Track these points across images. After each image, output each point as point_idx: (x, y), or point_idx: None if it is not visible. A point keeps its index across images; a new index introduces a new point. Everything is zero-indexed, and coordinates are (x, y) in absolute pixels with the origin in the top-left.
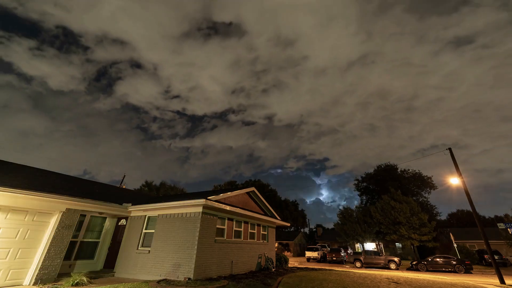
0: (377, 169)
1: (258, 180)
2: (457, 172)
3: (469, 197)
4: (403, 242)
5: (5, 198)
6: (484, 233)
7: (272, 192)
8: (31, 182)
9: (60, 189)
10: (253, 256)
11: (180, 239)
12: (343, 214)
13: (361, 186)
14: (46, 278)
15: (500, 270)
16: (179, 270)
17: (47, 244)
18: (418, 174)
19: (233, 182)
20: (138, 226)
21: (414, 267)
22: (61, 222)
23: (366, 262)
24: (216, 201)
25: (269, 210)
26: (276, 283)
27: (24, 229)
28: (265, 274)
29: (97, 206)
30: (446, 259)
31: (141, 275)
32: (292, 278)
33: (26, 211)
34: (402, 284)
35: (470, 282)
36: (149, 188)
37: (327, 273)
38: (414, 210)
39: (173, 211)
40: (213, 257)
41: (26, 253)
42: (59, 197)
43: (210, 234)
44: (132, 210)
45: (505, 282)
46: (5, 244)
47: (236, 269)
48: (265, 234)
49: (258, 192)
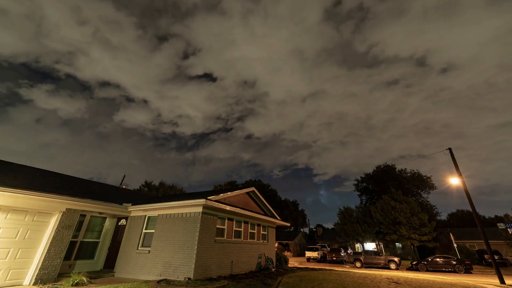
0: (377, 169)
1: (259, 180)
2: (457, 172)
3: (469, 197)
4: (403, 242)
5: (5, 198)
6: (484, 233)
7: (272, 192)
8: (31, 182)
9: (60, 189)
10: (253, 256)
11: (180, 239)
12: (343, 214)
13: (361, 186)
14: (46, 278)
15: (500, 270)
16: (179, 270)
17: (47, 244)
18: (417, 174)
19: (233, 182)
20: (138, 226)
21: (414, 267)
22: (61, 222)
23: (366, 262)
24: (216, 201)
25: (269, 210)
26: (276, 283)
27: (24, 229)
28: (265, 274)
29: (97, 206)
30: (446, 259)
31: (141, 275)
32: (292, 278)
33: (26, 211)
34: (402, 284)
35: (470, 282)
36: (149, 188)
37: (327, 273)
38: (414, 210)
39: (173, 211)
40: (213, 257)
41: (26, 253)
42: (59, 197)
43: (210, 234)
44: (132, 210)
45: (505, 282)
46: (5, 244)
47: (236, 269)
48: (265, 234)
49: (258, 192)
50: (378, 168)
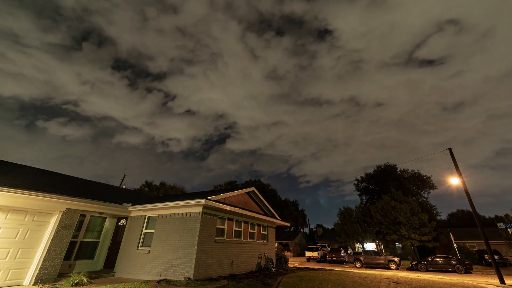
0: (377, 169)
1: (258, 180)
2: (457, 172)
3: (469, 197)
4: (403, 242)
5: (5, 198)
6: (484, 233)
7: (272, 192)
8: (31, 182)
9: (60, 189)
10: (253, 256)
11: (180, 239)
12: (343, 214)
13: (361, 186)
14: (46, 278)
15: (500, 270)
16: (179, 270)
17: (47, 244)
18: (418, 174)
19: (233, 182)
20: (138, 226)
21: (414, 267)
22: (61, 222)
23: (366, 262)
24: (216, 201)
25: (269, 210)
26: (276, 283)
27: (24, 229)
28: (265, 274)
29: (97, 206)
30: (446, 259)
31: (141, 275)
32: (292, 278)
33: (26, 211)
34: (402, 284)
35: (470, 282)
36: (149, 188)
37: (327, 273)
38: (414, 210)
39: (173, 211)
40: (213, 257)
41: (26, 253)
42: (59, 197)
43: (210, 234)
44: (132, 210)
45: (505, 282)
46: (5, 244)
47: (236, 269)
48: (265, 234)
49: (258, 192)
50: (378, 168)
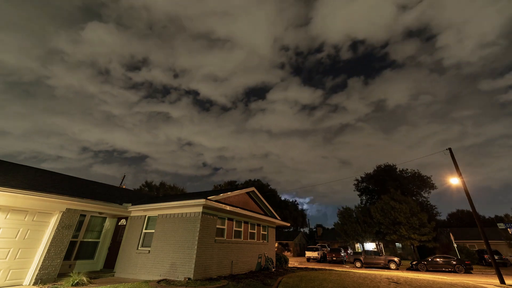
0: (377, 169)
1: (258, 180)
2: (457, 172)
3: (469, 197)
4: (403, 242)
5: (5, 198)
6: (484, 233)
7: (272, 192)
8: (31, 182)
9: (60, 189)
10: (253, 256)
11: (180, 239)
12: (343, 214)
13: (361, 186)
14: (46, 278)
15: (500, 270)
16: (179, 270)
17: (47, 244)
18: (418, 174)
19: (233, 182)
20: (138, 226)
21: (414, 267)
22: (61, 222)
23: (366, 262)
24: (216, 201)
25: (269, 210)
26: (276, 283)
27: (24, 229)
28: (265, 274)
29: (97, 206)
30: (446, 259)
31: (141, 275)
32: (292, 278)
33: (26, 211)
34: (402, 284)
35: (470, 282)
36: (149, 188)
37: (327, 273)
38: (414, 210)
39: (173, 211)
40: (213, 257)
41: (26, 253)
42: (59, 197)
43: (210, 234)
44: (132, 210)
45: (505, 282)
46: (5, 244)
47: (236, 269)
48: (265, 234)
49: (258, 192)
50: (378, 168)
